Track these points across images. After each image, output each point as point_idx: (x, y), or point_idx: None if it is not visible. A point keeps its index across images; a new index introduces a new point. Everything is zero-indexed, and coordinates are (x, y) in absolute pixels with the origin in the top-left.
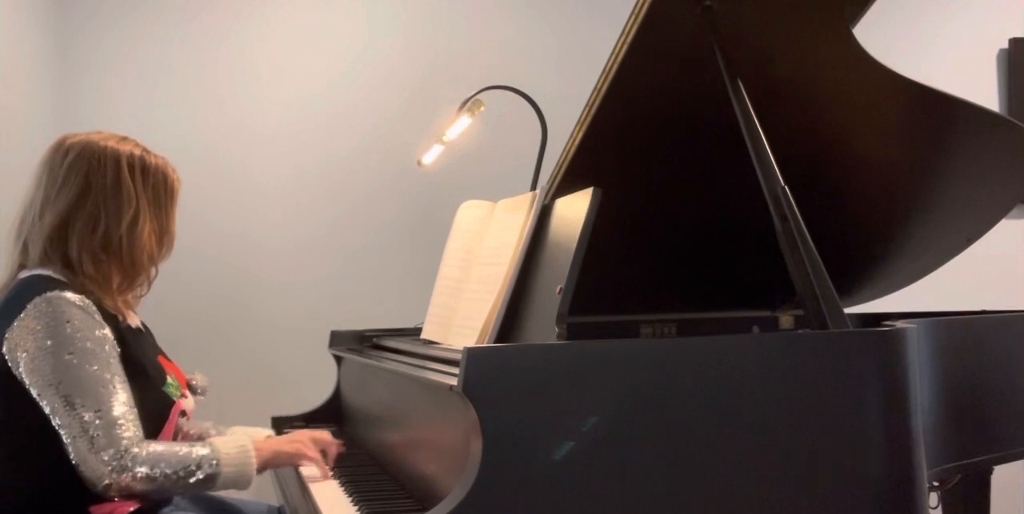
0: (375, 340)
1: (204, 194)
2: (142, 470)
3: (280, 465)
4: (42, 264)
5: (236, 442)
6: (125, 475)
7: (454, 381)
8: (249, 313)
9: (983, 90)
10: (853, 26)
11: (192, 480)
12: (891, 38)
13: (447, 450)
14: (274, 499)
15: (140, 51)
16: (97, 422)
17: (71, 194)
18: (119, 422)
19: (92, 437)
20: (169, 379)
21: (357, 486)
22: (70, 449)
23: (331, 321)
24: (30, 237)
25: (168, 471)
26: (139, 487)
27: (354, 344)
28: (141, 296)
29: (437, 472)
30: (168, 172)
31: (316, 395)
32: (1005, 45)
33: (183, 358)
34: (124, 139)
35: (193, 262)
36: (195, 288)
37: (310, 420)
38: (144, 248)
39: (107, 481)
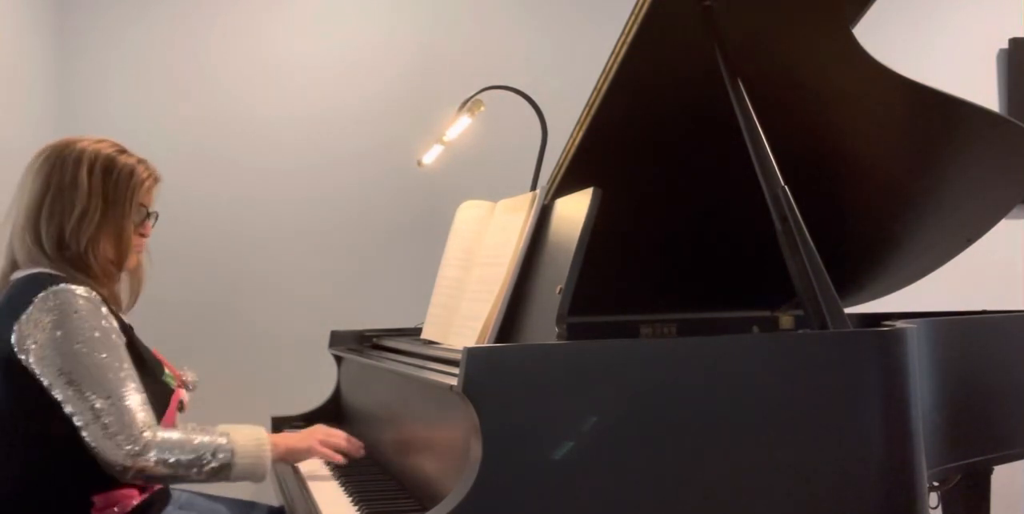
0: (375, 340)
1: (204, 194)
2: (158, 455)
3: (295, 461)
4: (34, 263)
5: (254, 434)
6: (141, 459)
7: (454, 381)
8: (249, 313)
9: (983, 90)
10: (853, 26)
11: (207, 468)
12: (891, 38)
13: (447, 450)
14: (274, 499)
15: (139, 52)
16: (110, 408)
17: (34, 194)
18: (132, 407)
19: (106, 423)
20: (166, 370)
21: (357, 486)
22: (85, 435)
23: (331, 321)
24: (13, 238)
25: (183, 458)
26: (155, 471)
27: (354, 344)
28: (127, 304)
29: (437, 472)
30: (137, 171)
31: (316, 395)
32: (1005, 45)
33: (183, 357)
34: (100, 140)
35: (193, 262)
36: (195, 288)
37: (310, 420)
38: (92, 245)
39: (124, 464)
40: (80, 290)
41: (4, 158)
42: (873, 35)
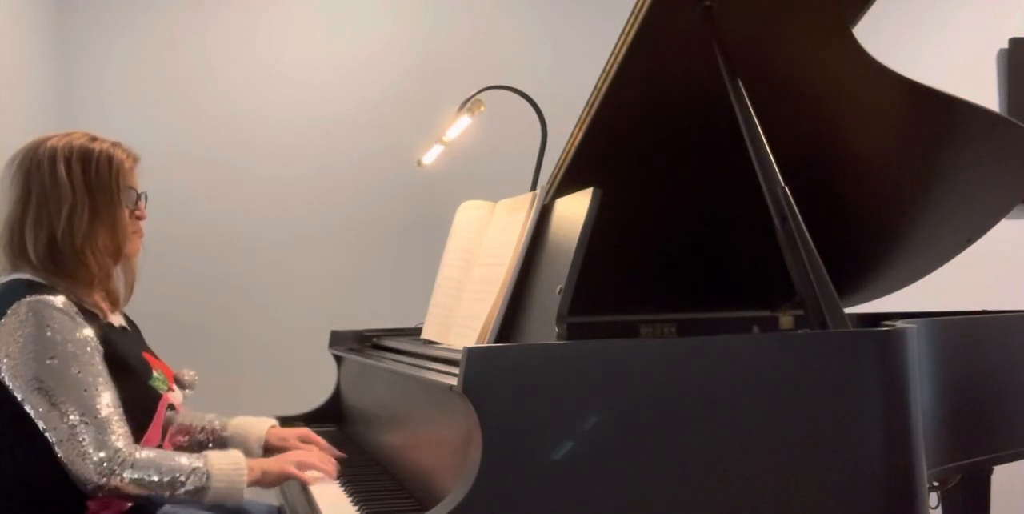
0: (375, 340)
1: (204, 193)
2: (131, 474)
3: (269, 485)
4: (16, 269)
5: (231, 458)
6: (113, 478)
7: (454, 381)
8: (249, 313)
9: (983, 90)
10: (853, 26)
11: (181, 490)
12: (891, 38)
13: (447, 450)
14: (274, 499)
15: (139, 53)
16: (82, 425)
17: (16, 199)
18: (104, 425)
19: (79, 440)
20: (155, 373)
21: (357, 486)
22: (58, 451)
23: (331, 321)
24: None
25: (156, 478)
26: (127, 490)
27: (354, 344)
28: (123, 297)
29: (437, 472)
30: (115, 154)
31: (316, 395)
32: (1005, 45)
33: (183, 358)
34: (69, 133)
35: (193, 262)
36: (195, 288)
37: (310, 420)
38: (89, 241)
39: (95, 483)
40: (57, 301)
41: (4, 159)
42: (873, 35)
